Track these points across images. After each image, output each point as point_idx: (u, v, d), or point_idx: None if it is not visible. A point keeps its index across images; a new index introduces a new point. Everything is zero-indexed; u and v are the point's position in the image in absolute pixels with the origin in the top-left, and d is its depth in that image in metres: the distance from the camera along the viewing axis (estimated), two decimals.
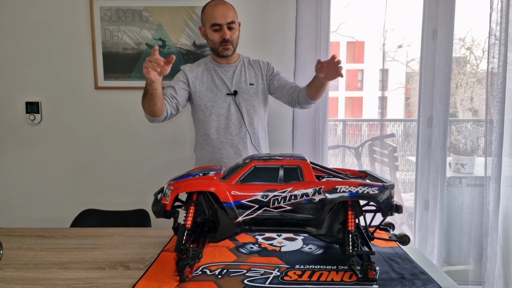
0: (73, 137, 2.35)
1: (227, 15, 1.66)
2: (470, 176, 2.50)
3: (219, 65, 1.79)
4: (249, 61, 1.85)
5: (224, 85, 1.76)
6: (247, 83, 1.77)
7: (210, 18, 1.67)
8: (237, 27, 1.72)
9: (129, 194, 2.36)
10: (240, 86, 1.76)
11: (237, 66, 1.80)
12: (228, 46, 1.70)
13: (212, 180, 1.00)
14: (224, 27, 1.66)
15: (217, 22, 1.65)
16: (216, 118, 1.74)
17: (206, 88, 1.75)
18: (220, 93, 1.74)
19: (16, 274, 1.00)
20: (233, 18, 1.68)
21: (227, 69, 1.79)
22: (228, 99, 1.75)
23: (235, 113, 1.75)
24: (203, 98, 1.74)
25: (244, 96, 1.76)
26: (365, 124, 3.19)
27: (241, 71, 1.80)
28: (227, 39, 1.68)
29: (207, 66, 1.80)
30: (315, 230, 1.00)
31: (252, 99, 1.77)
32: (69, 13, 2.27)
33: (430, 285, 0.92)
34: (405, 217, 2.75)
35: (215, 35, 1.69)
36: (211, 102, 1.74)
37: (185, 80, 1.75)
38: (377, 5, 2.35)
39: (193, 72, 1.77)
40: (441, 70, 2.22)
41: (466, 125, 2.70)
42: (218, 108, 1.74)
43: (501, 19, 2.04)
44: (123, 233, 1.33)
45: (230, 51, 1.72)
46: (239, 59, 1.83)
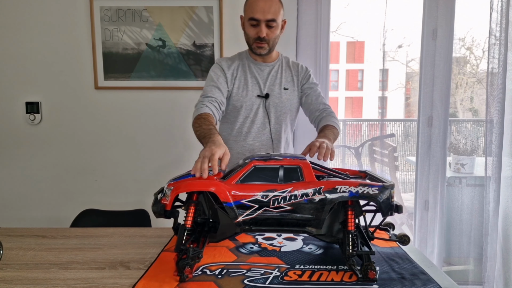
0: (73, 137, 2.36)
1: (268, 11, 1.47)
2: (470, 176, 2.50)
3: (254, 63, 1.64)
4: (288, 63, 1.68)
5: (256, 86, 1.61)
6: (281, 87, 1.62)
7: (250, 10, 1.50)
8: (278, 25, 1.52)
9: (129, 194, 2.36)
10: (273, 89, 1.62)
11: (274, 66, 1.65)
12: (263, 45, 1.54)
13: (212, 180, 1.00)
14: (261, 24, 1.49)
15: (255, 17, 1.48)
16: (242, 119, 1.61)
17: (238, 86, 1.60)
18: (251, 93, 1.60)
19: (16, 274, 0.99)
20: (274, 15, 1.48)
21: (262, 68, 1.64)
22: (258, 102, 1.60)
23: (262, 117, 1.61)
24: (232, 97, 1.60)
25: (275, 101, 1.61)
26: (365, 124, 3.18)
27: (277, 73, 1.64)
28: (263, 37, 1.51)
29: (243, 62, 1.64)
30: (315, 230, 1.00)
31: (284, 105, 1.62)
32: (69, 13, 2.27)
33: (430, 285, 0.92)
34: (405, 217, 2.75)
35: (251, 30, 1.53)
36: (239, 102, 1.59)
37: (225, 79, 1.59)
38: (377, 5, 2.35)
39: (230, 69, 1.61)
40: (441, 70, 2.22)
41: (466, 125, 2.70)
42: (246, 109, 1.60)
43: (501, 19, 2.04)
44: (123, 233, 1.33)
45: (264, 50, 1.56)
46: (278, 59, 1.67)
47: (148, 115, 2.34)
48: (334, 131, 1.50)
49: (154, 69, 2.30)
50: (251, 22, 1.50)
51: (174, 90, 2.31)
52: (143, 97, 2.33)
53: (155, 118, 2.35)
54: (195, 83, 2.30)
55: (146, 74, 2.30)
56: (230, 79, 1.60)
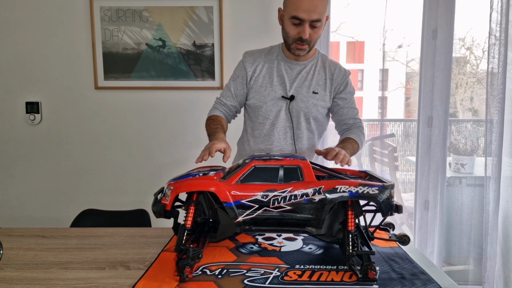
0: (73, 137, 2.36)
1: (314, 10, 1.31)
2: (470, 176, 2.50)
3: (285, 60, 1.48)
4: (324, 62, 1.51)
5: (282, 85, 1.46)
6: (310, 90, 1.46)
7: (293, 7, 1.32)
8: (322, 25, 1.37)
9: (129, 194, 2.36)
10: (300, 91, 1.46)
11: (307, 66, 1.49)
12: (304, 46, 1.39)
13: (212, 180, 1.00)
14: (305, 24, 1.33)
15: (299, 16, 1.32)
16: (262, 120, 1.49)
17: (261, 84, 1.47)
18: (274, 93, 1.46)
19: (16, 274, 0.99)
20: (320, 15, 1.33)
21: (293, 67, 1.48)
22: (281, 103, 1.46)
23: (284, 121, 1.47)
24: (254, 96, 1.48)
25: (300, 104, 1.45)
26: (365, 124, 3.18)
27: (308, 73, 1.48)
28: (305, 38, 1.36)
29: (272, 57, 1.50)
30: (315, 230, 1.00)
31: (310, 110, 1.46)
32: (69, 13, 2.27)
33: (430, 285, 0.92)
34: (405, 217, 2.75)
35: (292, 28, 1.37)
36: (260, 102, 1.47)
37: (244, 77, 1.49)
38: (377, 5, 2.35)
39: (253, 65, 1.49)
40: (441, 70, 2.22)
41: (466, 125, 2.70)
42: (267, 110, 1.47)
43: (501, 19, 2.04)
44: (123, 233, 1.33)
45: (303, 52, 1.41)
46: (314, 57, 1.50)
47: (148, 115, 2.34)
48: (354, 145, 1.42)
49: (154, 69, 2.30)
50: (293, 21, 1.34)
51: (174, 90, 2.31)
52: (143, 97, 2.33)
53: (155, 118, 2.35)
54: (195, 83, 2.30)
55: (146, 74, 2.30)
56: (251, 76, 1.49)
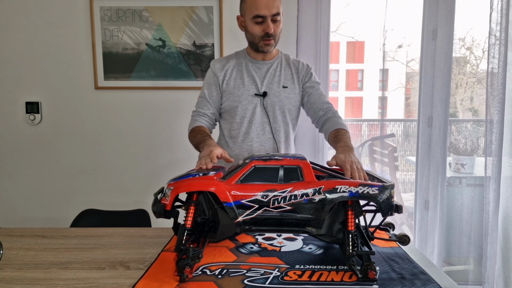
0: (73, 137, 2.36)
1: (272, 5, 1.43)
2: (470, 176, 2.50)
3: (252, 61, 1.58)
4: (288, 60, 1.63)
5: (253, 84, 1.56)
6: (280, 85, 1.57)
7: (252, 8, 1.44)
8: (281, 19, 1.49)
9: (129, 194, 2.36)
10: (272, 87, 1.56)
11: (273, 64, 1.59)
12: (271, 41, 1.49)
13: (212, 180, 1.00)
14: (268, 20, 1.44)
15: (261, 13, 1.43)
16: (239, 120, 1.56)
17: (233, 86, 1.56)
18: (247, 92, 1.55)
19: (16, 274, 0.99)
20: (278, 9, 1.45)
21: (260, 66, 1.58)
22: (255, 101, 1.55)
23: (260, 117, 1.56)
24: (229, 98, 1.56)
25: (273, 99, 1.55)
26: (365, 124, 3.18)
27: (276, 70, 1.59)
28: (271, 33, 1.46)
29: (239, 61, 1.60)
30: (315, 230, 1.00)
31: (283, 104, 1.56)
32: (69, 13, 2.27)
33: (430, 285, 0.92)
34: (405, 217, 2.75)
35: (256, 28, 1.47)
36: (236, 102, 1.55)
37: (217, 83, 1.58)
38: (377, 5, 2.35)
39: (223, 70, 1.58)
40: (441, 70, 2.22)
41: (466, 125, 2.70)
42: (243, 109, 1.55)
43: (501, 19, 2.04)
44: (123, 233, 1.33)
45: (271, 47, 1.52)
46: (277, 56, 1.62)
47: (148, 115, 2.34)
48: (348, 135, 1.45)
49: (154, 69, 2.30)
50: (256, 20, 1.45)
51: (174, 90, 2.31)
52: (143, 97, 2.33)
53: (155, 118, 2.35)
54: (195, 83, 2.30)
55: (146, 74, 2.30)
56: (222, 80, 1.57)
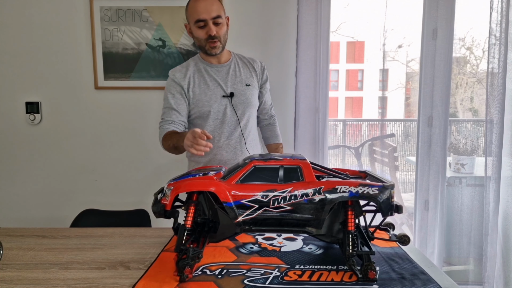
0: (73, 137, 2.36)
1: (211, 9, 1.51)
2: (470, 176, 2.50)
3: (210, 65, 1.65)
4: (242, 59, 1.72)
5: (219, 87, 1.63)
6: (243, 83, 1.66)
7: (193, 14, 1.53)
8: (224, 21, 1.57)
9: (129, 194, 2.36)
10: (236, 87, 1.64)
11: (230, 65, 1.68)
12: (216, 43, 1.56)
13: (212, 180, 1.00)
14: (209, 23, 1.52)
15: (201, 17, 1.51)
16: (212, 122, 1.63)
17: (200, 92, 1.62)
18: (215, 95, 1.61)
19: (16, 274, 1.00)
20: (218, 12, 1.53)
21: (219, 69, 1.66)
22: (224, 102, 1.62)
23: (231, 116, 1.63)
24: (197, 104, 1.62)
25: (241, 98, 1.64)
26: (365, 124, 3.19)
27: (235, 71, 1.67)
28: (213, 35, 1.53)
29: (198, 66, 1.66)
30: (315, 230, 1.00)
31: (249, 101, 1.66)
32: (69, 13, 2.27)
33: (430, 285, 0.92)
34: (405, 217, 2.75)
35: (200, 32, 1.55)
36: (206, 107, 1.61)
37: (181, 92, 1.62)
38: (377, 5, 2.35)
39: (185, 79, 1.62)
40: (441, 70, 2.22)
41: (466, 125, 2.70)
42: (214, 112, 1.62)
43: (501, 19, 2.04)
44: (123, 233, 1.33)
45: (218, 49, 1.59)
46: (231, 58, 1.70)
47: (148, 115, 2.34)
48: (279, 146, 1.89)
49: (154, 69, 2.30)
50: (198, 24, 1.53)
51: None
52: (143, 97, 2.33)
53: (155, 118, 2.33)
54: None
55: (146, 74, 2.30)
56: (187, 88, 1.62)
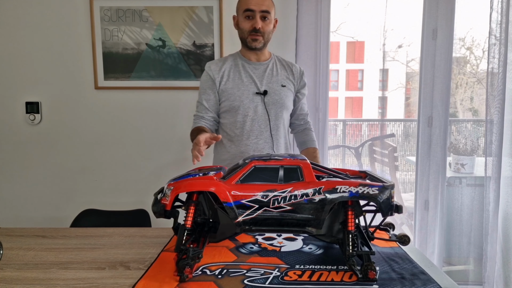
0: (73, 137, 2.36)
1: (262, 3, 1.54)
2: (470, 176, 2.50)
3: (248, 62, 1.65)
4: (281, 61, 1.71)
5: (253, 83, 1.61)
6: (279, 84, 1.63)
7: (244, 3, 1.56)
8: (271, 19, 1.58)
9: (129, 194, 2.36)
10: (271, 86, 1.62)
11: (269, 64, 1.67)
12: (258, 37, 1.56)
13: (212, 180, 1.00)
14: (256, 15, 1.54)
15: (250, 7, 1.53)
16: (241, 118, 1.61)
17: (233, 86, 1.61)
18: (248, 91, 1.60)
19: (16, 274, 0.99)
20: (268, 8, 1.55)
21: (257, 67, 1.65)
22: (256, 99, 1.60)
23: (262, 115, 1.61)
24: (229, 98, 1.61)
25: (274, 97, 1.61)
26: (365, 124, 3.18)
27: (272, 71, 1.66)
28: (258, 28, 1.54)
29: (236, 62, 1.66)
30: (315, 230, 1.00)
31: (283, 102, 1.63)
32: (69, 13, 2.27)
33: (430, 285, 0.92)
34: (405, 217, 2.75)
35: (246, 23, 1.57)
36: (237, 102, 1.59)
37: (213, 85, 1.63)
38: (377, 5, 2.35)
39: (220, 72, 1.63)
40: (441, 70, 2.22)
41: (466, 125, 2.70)
42: (245, 108, 1.60)
43: (501, 19, 2.04)
44: (123, 233, 1.33)
45: (259, 43, 1.58)
46: (271, 58, 1.70)
47: (148, 115, 2.34)
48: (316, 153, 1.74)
49: (154, 69, 2.30)
50: (246, 14, 1.55)
51: (174, 90, 2.32)
52: (143, 97, 2.33)
53: (155, 118, 2.35)
54: (195, 83, 2.29)
55: (146, 74, 2.30)
56: (220, 81, 1.62)
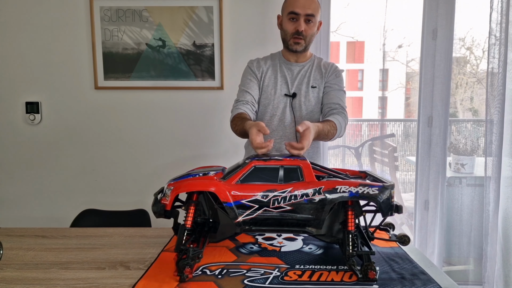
0: (73, 137, 2.36)
1: (308, 6, 1.53)
2: (470, 176, 2.50)
3: (286, 62, 1.66)
4: (319, 62, 1.68)
5: (285, 84, 1.63)
6: (309, 85, 1.62)
7: (289, 5, 1.55)
8: (315, 23, 1.57)
9: (129, 194, 2.36)
10: (301, 88, 1.62)
11: (305, 66, 1.66)
12: (300, 40, 1.56)
13: (212, 180, 1.00)
14: (301, 18, 1.53)
15: (295, 10, 1.53)
16: (269, 118, 1.62)
17: (267, 85, 1.63)
18: (279, 92, 1.62)
19: (16, 274, 0.99)
20: (313, 11, 1.54)
21: (293, 68, 1.65)
22: (285, 100, 1.62)
23: (289, 116, 1.61)
24: (262, 95, 1.63)
25: (302, 99, 1.61)
26: (365, 124, 3.18)
27: (307, 72, 1.65)
28: (301, 31, 1.54)
29: (274, 62, 1.67)
30: (315, 230, 1.00)
31: (311, 103, 1.61)
32: (69, 13, 2.27)
33: (430, 285, 0.92)
34: (405, 217, 2.75)
35: (289, 25, 1.56)
36: (267, 100, 1.62)
37: (256, 78, 1.64)
38: (377, 5, 2.35)
39: (260, 69, 1.65)
40: (441, 70, 2.22)
41: (466, 125, 2.70)
42: (273, 107, 1.62)
43: (501, 19, 2.04)
44: (123, 233, 1.33)
45: (301, 46, 1.58)
46: (310, 59, 1.68)
47: (148, 115, 2.34)
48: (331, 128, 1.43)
49: (154, 69, 2.30)
50: (290, 16, 1.55)
51: (174, 90, 2.31)
52: (143, 97, 2.33)
53: (155, 118, 2.35)
54: (195, 83, 2.30)
55: (146, 74, 2.30)
56: (260, 77, 1.64)
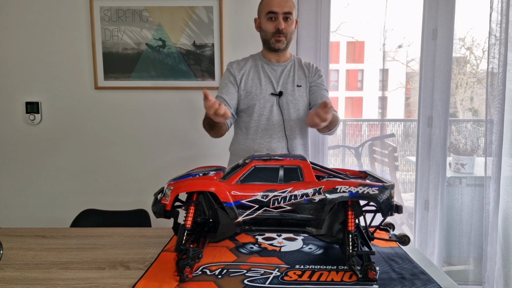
0: (73, 137, 2.36)
1: (284, 5, 1.58)
2: (470, 176, 2.50)
3: (268, 63, 1.69)
4: (300, 62, 1.74)
5: (270, 84, 1.66)
6: (295, 84, 1.67)
7: (267, 6, 1.60)
8: (293, 20, 1.62)
9: (129, 194, 2.36)
10: (287, 87, 1.66)
11: (287, 66, 1.70)
12: (281, 38, 1.60)
13: (212, 180, 1.00)
14: (279, 17, 1.58)
15: (273, 9, 1.58)
16: (257, 117, 1.65)
17: (251, 86, 1.66)
18: (264, 92, 1.65)
19: (16, 274, 0.99)
20: (290, 9, 1.60)
21: (275, 68, 1.69)
22: (272, 100, 1.65)
23: (277, 115, 1.64)
24: (247, 97, 1.65)
25: (289, 98, 1.65)
26: (365, 124, 3.18)
27: (290, 71, 1.69)
28: (281, 29, 1.59)
29: (256, 62, 1.70)
30: (315, 230, 1.00)
31: (298, 102, 1.66)
32: (69, 13, 2.27)
33: (430, 285, 0.92)
34: (405, 217, 2.75)
35: (269, 24, 1.61)
36: (253, 101, 1.64)
37: (234, 82, 1.66)
38: (377, 5, 2.35)
39: (241, 71, 1.68)
40: (441, 70, 2.22)
41: (466, 125, 2.70)
42: (261, 107, 1.64)
43: (501, 19, 2.04)
44: (123, 233, 1.33)
45: (282, 44, 1.62)
46: (291, 59, 1.73)
47: (148, 115, 2.34)
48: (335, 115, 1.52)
49: (154, 69, 2.30)
50: (269, 16, 1.59)
51: (174, 90, 2.32)
52: (143, 97, 2.33)
53: (155, 118, 2.35)
54: (195, 83, 2.30)
55: (146, 74, 2.30)
56: (240, 80, 1.66)
